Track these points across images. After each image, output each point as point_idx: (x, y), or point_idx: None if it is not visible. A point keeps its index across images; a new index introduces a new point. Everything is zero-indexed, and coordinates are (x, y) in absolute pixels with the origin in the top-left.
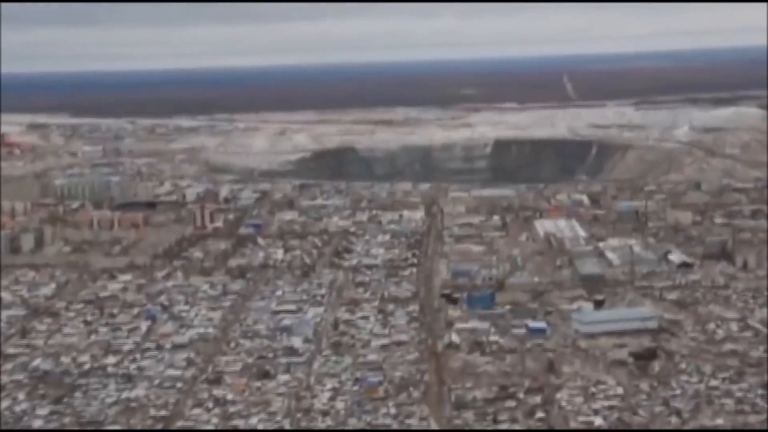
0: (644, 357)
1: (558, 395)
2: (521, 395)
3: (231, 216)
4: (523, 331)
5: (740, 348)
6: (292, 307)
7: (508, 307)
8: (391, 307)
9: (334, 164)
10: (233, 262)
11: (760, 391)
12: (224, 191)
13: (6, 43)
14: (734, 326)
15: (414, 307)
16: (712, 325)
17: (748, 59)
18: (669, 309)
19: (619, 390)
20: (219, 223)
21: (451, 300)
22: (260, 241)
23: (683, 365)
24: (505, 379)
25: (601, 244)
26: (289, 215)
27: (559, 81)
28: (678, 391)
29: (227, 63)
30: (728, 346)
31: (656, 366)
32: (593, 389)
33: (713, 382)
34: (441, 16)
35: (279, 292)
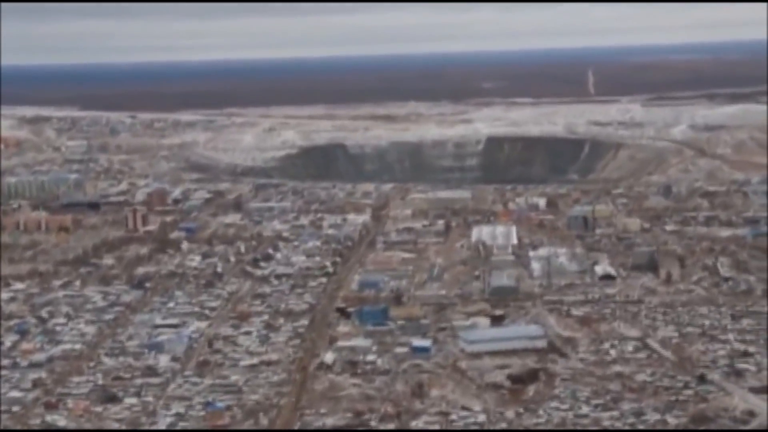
0: (522, 380)
1: (414, 423)
2: (374, 423)
3: (169, 218)
4: (406, 349)
5: (627, 370)
6: (176, 321)
7: (401, 322)
8: (281, 321)
9: (320, 161)
10: (141, 270)
11: (630, 420)
12: (177, 191)
13: (32, 35)
14: (630, 346)
15: (304, 322)
16: (607, 345)
17: None
18: (570, 326)
19: (481, 417)
20: (152, 227)
21: (345, 314)
22: (184, 246)
23: (560, 390)
24: (364, 404)
25: (531, 253)
26: (230, 218)
27: (584, 74)
28: (543, 419)
29: (258, 55)
30: (615, 369)
31: (531, 390)
32: (454, 416)
33: (584, 409)
34: (479, 9)
35: (171, 304)
